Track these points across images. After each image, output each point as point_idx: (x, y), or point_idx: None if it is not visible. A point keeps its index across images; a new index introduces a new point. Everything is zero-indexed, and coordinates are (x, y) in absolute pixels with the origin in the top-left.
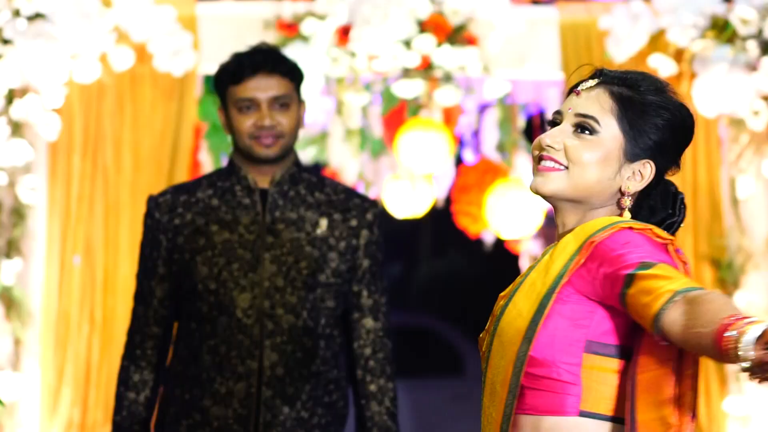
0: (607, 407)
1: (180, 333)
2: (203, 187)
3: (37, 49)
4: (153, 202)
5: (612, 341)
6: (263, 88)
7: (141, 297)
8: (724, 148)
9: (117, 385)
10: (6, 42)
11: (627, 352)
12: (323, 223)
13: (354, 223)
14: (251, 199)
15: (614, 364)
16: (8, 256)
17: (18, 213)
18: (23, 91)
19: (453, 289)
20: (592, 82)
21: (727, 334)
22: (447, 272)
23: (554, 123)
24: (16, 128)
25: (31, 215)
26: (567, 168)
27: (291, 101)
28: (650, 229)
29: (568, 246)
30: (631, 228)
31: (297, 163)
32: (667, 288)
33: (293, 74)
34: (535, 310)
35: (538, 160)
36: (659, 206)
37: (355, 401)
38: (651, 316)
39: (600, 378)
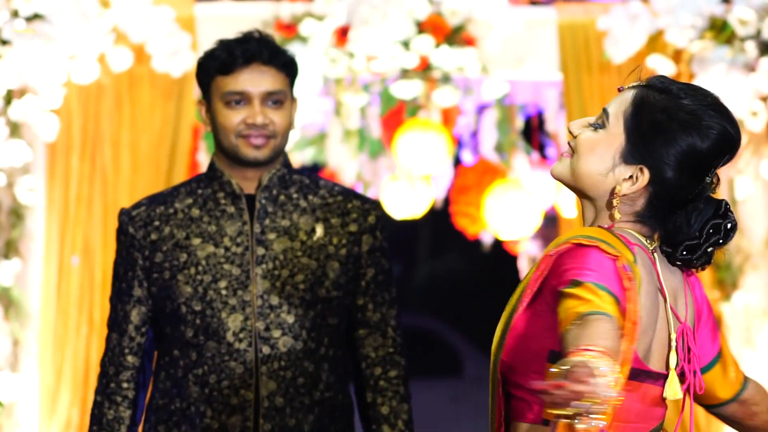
0: None
1: (160, 362)
2: (181, 196)
3: (36, 50)
4: (126, 216)
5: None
6: (256, 81)
7: (115, 323)
8: None
9: (90, 424)
10: (4, 42)
11: None
12: (319, 229)
13: (354, 228)
14: (237, 206)
15: None
16: (7, 256)
17: (16, 214)
18: (22, 92)
19: (451, 290)
20: (634, 83)
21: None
22: (445, 273)
23: None
24: (15, 129)
25: (30, 216)
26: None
27: (285, 98)
28: (597, 247)
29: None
30: (580, 244)
31: (286, 164)
32: (576, 309)
33: (289, 69)
34: (506, 320)
35: None
36: (684, 226)
37: (365, 428)
38: (561, 334)
39: None
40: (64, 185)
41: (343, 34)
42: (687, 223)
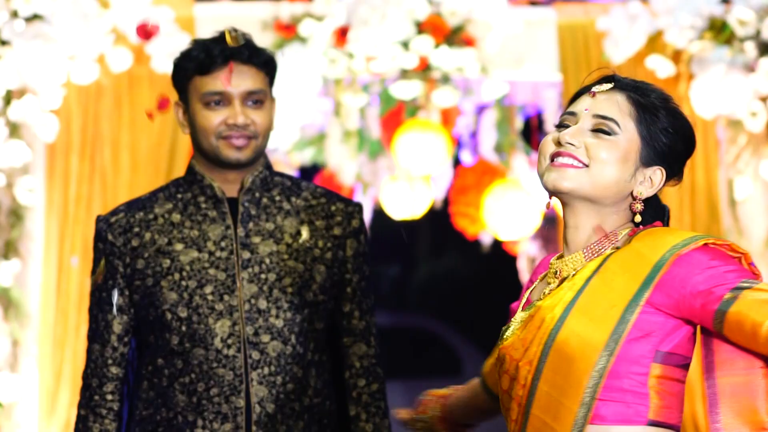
0: (675, 416)
1: (142, 372)
2: (161, 201)
3: (35, 50)
4: (104, 223)
5: (680, 351)
6: (236, 81)
7: (96, 334)
8: (722, 150)
9: None
10: (4, 43)
11: (688, 361)
12: (304, 231)
13: (338, 231)
14: (219, 210)
15: (680, 373)
16: (6, 257)
17: (16, 214)
18: (21, 92)
19: (451, 290)
20: (607, 86)
21: None
22: (445, 273)
23: (563, 124)
24: (14, 129)
25: (29, 216)
26: (587, 166)
27: (265, 98)
28: (729, 245)
29: (638, 259)
30: (711, 243)
31: (268, 165)
32: None
33: (269, 67)
34: (615, 323)
35: (552, 157)
36: (649, 218)
37: None
38: None
39: (669, 387)
40: (63, 186)
41: (342, 34)
42: (653, 213)
